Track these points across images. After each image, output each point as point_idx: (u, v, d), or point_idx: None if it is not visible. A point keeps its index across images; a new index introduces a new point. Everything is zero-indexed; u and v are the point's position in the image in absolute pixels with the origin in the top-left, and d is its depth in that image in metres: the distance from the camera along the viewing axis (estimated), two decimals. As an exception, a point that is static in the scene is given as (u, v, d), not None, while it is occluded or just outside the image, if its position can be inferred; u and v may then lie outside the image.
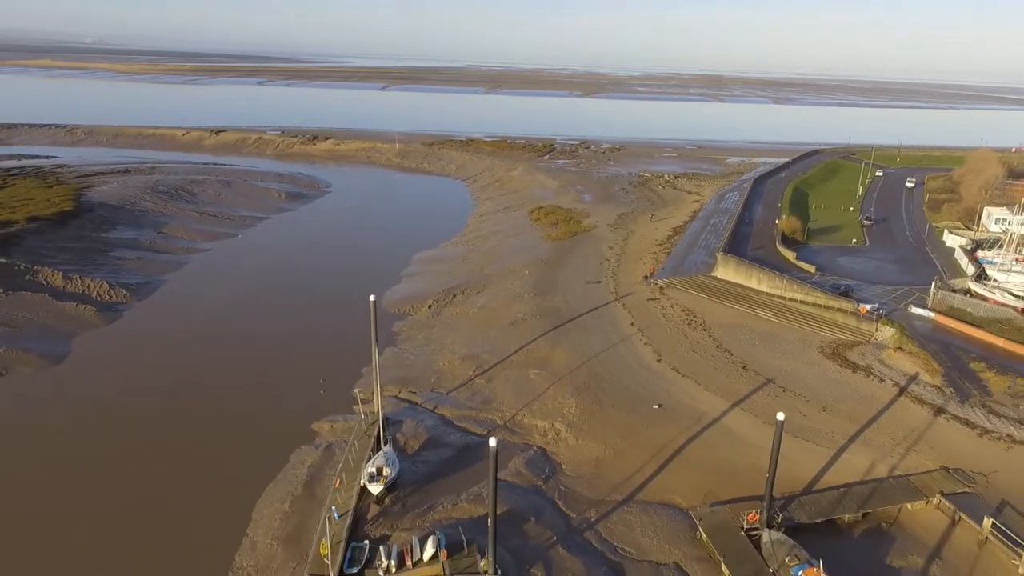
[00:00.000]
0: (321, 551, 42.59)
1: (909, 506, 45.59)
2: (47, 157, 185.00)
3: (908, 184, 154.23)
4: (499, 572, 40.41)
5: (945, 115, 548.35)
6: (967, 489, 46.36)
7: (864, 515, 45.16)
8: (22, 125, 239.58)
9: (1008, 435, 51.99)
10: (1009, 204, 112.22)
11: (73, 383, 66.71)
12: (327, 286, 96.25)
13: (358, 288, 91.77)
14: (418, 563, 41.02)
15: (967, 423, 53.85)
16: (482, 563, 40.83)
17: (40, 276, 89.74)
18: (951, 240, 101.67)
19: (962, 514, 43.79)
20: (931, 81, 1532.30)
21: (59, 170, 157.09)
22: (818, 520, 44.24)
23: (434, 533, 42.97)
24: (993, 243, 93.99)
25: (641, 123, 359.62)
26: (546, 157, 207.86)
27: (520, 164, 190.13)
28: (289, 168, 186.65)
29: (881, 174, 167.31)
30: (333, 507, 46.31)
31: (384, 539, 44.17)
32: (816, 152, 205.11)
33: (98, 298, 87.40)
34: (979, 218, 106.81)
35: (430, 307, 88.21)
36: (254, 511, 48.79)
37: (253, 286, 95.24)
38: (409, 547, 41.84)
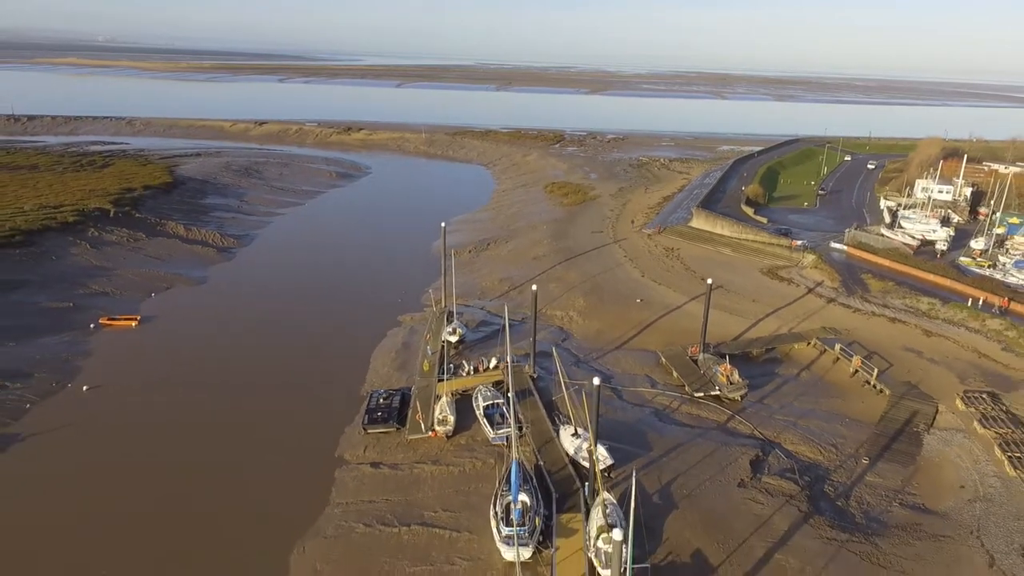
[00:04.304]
0: (424, 368, 68.57)
1: (796, 346, 71.37)
2: (122, 143, 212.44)
3: (869, 166, 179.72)
4: (537, 373, 66.36)
5: (933, 111, 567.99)
6: (833, 336, 72.01)
7: (767, 351, 71.00)
8: (85, 117, 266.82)
9: (871, 312, 77.78)
10: (940, 178, 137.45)
11: (221, 294, 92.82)
12: (385, 238, 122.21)
13: (410, 240, 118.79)
14: (487, 369, 67.00)
15: (847, 306, 79.69)
16: (526, 367, 66.75)
17: (167, 227, 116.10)
18: (883, 204, 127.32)
19: (827, 347, 69.49)
20: (936, 80, 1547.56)
21: (142, 153, 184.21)
22: (736, 352, 69.82)
23: (496, 355, 68.92)
24: (913, 205, 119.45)
25: (645, 117, 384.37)
26: (557, 145, 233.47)
27: (534, 151, 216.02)
28: (331, 154, 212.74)
29: (849, 158, 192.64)
30: (427, 347, 72.39)
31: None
32: (796, 140, 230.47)
33: (214, 244, 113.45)
34: (909, 188, 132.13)
35: (469, 252, 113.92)
36: (371, 358, 74.28)
37: (328, 238, 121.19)
38: (481, 361, 67.93)
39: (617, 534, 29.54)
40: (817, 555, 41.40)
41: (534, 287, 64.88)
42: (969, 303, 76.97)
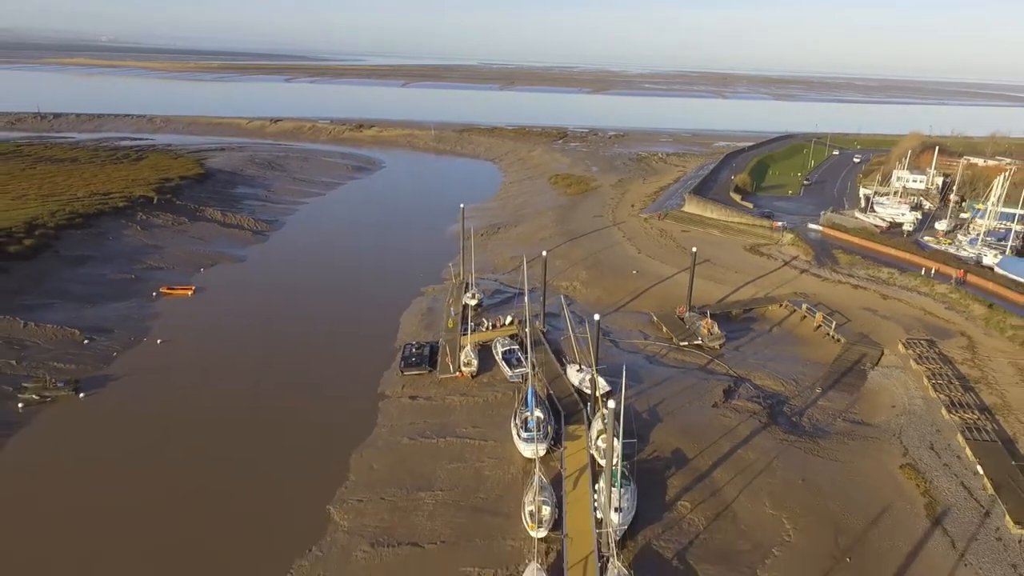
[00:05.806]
0: (449, 325, 79.63)
1: (770, 307, 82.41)
2: (147, 139, 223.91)
3: (855, 160, 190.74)
4: (547, 329, 77.43)
5: (928, 109, 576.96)
6: (802, 299, 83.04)
7: (745, 311, 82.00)
8: (107, 115, 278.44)
9: (837, 280, 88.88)
10: (917, 169, 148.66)
11: (260, 270, 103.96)
12: (403, 224, 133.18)
13: (426, 225, 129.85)
14: (503, 325, 78.07)
15: (817, 276, 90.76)
16: (537, 324, 77.80)
17: (206, 213, 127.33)
18: (862, 192, 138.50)
19: (796, 308, 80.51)
20: (936, 79, 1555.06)
21: (170, 147, 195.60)
22: (718, 312, 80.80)
23: (511, 314, 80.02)
24: (887, 192, 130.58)
25: (645, 116, 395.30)
26: (560, 141, 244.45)
27: (539, 147, 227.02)
28: (346, 150, 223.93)
29: (837, 153, 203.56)
30: (451, 309, 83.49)
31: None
32: (788, 136, 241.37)
33: (249, 227, 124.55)
34: (882, 177, 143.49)
35: (482, 235, 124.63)
36: (400, 320, 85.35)
37: (350, 224, 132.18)
38: (498, 319, 79.02)
39: (611, 404, 40.31)
40: (770, 450, 52.43)
41: (544, 252, 75.98)
42: (923, 272, 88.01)
